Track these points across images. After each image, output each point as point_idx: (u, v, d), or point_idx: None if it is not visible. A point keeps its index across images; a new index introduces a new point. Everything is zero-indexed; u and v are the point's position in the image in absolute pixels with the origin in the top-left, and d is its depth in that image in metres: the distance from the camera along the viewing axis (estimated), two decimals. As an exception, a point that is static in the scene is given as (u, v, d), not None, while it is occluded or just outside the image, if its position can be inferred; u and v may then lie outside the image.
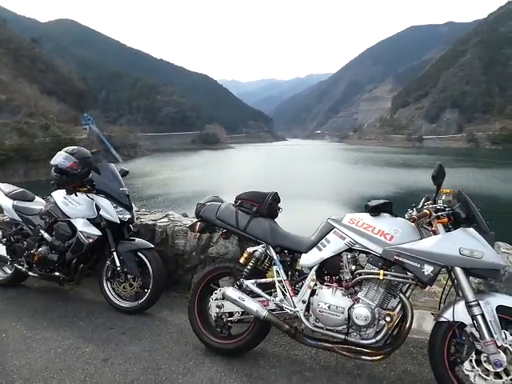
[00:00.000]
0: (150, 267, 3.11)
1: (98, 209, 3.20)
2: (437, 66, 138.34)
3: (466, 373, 1.96)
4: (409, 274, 2.04)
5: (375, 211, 2.19)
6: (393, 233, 2.11)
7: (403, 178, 40.52)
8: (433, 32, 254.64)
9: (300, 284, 2.34)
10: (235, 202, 2.61)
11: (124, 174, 3.54)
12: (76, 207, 3.21)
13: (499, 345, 1.88)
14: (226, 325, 2.54)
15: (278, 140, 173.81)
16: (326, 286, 2.23)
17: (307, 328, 2.26)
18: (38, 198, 3.76)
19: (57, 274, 3.29)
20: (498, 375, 1.90)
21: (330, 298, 2.19)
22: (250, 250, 2.51)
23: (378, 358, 2.14)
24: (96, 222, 3.18)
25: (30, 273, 3.42)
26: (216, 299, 2.53)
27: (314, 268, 2.28)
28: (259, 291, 2.40)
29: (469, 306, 1.94)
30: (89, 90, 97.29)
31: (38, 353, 2.57)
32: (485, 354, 1.91)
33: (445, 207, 2.05)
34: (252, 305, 2.35)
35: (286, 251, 2.42)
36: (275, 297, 2.36)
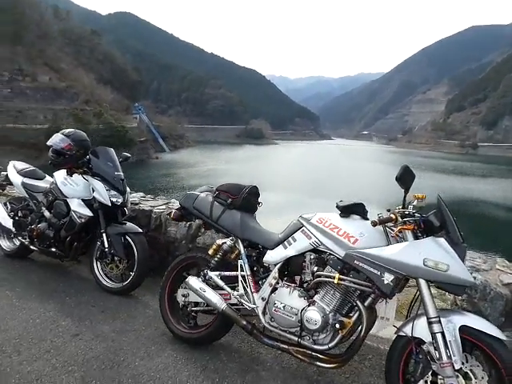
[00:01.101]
0: (135, 251, 3.19)
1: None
2: (498, 69, 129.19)
3: None
4: (369, 282, 1.93)
5: (345, 212, 2.09)
6: (357, 236, 1.99)
7: (451, 185, 38.46)
8: (495, 33, 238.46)
9: (263, 281, 2.28)
10: (214, 193, 2.59)
11: (125, 159, 3.64)
12: (73, 187, 3.35)
13: (457, 368, 1.73)
14: (191, 314, 2.55)
15: (324, 139, 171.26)
16: (286, 285, 2.16)
17: (265, 326, 2.21)
18: (47, 177, 3.96)
19: (53, 249, 3.47)
20: (453, 401, 1.75)
21: (287, 298, 2.12)
22: (219, 241, 2.49)
23: (333, 365, 2.05)
24: (90, 203, 3.31)
25: (31, 246, 3.62)
26: (182, 288, 2.53)
27: (278, 266, 2.22)
28: (222, 284, 2.37)
29: (429, 323, 1.79)
30: (141, 80, 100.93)
31: (18, 321, 2.72)
32: (440, 377, 1.76)
33: (414, 213, 1.91)
34: (212, 296, 2.34)
35: (254, 246, 2.38)
36: (237, 291, 2.33)
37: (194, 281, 2.42)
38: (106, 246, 3.23)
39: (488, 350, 1.74)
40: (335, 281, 1.95)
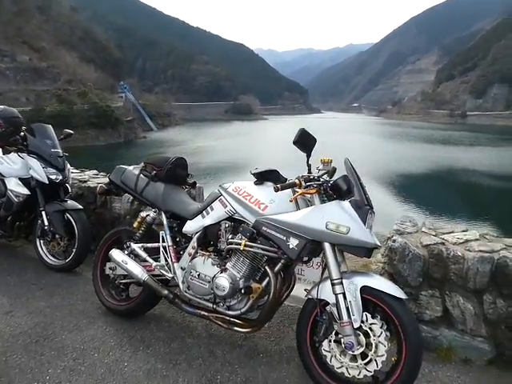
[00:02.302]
0: (75, 228, 3.17)
1: None
2: (488, 37, 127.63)
3: (324, 353, 1.87)
4: (277, 248, 1.94)
5: (259, 179, 2.08)
6: (268, 203, 1.99)
7: (439, 155, 38.67)
8: (485, 0, 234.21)
9: (184, 251, 2.29)
10: (142, 167, 2.56)
11: (67, 135, 3.57)
12: (11, 166, 3.29)
13: (356, 326, 1.77)
14: (120, 287, 2.56)
15: (313, 112, 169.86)
16: (201, 254, 2.17)
17: (184, 295, 2.23)
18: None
19: (-4, 229, 3.43)
20: (354, 358, 1.79)
21: (201, 266, 2.14)
22: (143, 214, 2.49)
23: (249, 330, 2.10)
24: (28, 181, 3.25)
25: (-22, 228, 3.57)
26: (110, 261, 2.53)
27: (196, 235, 2.22)
28: (144, 255, 2.38)
29: (332, 284, 1.82)
30: (125, 58, 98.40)
31: (-48, 301, 2.71)
32: (341, 335, 1.80)
33: (318, 177, 1.90)
34: (134, 268, 2.35)
35: (176, 217, 2.37)
36: (159, 262, 2.33)
37: (117, 253, 2.43)
38: (46, 223, 3.20)
39: (387, 309, 1.77)
40: (241, 247, 1.96)
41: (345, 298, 1.79)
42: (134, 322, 2.51)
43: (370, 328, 1.79)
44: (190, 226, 2.25)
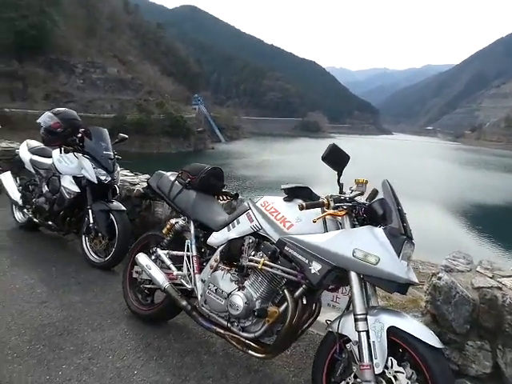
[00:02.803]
0: (116, 228, 3.27)
1: None
2: None
3: None
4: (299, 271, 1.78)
5: (290, 195, 1.95)
6: (294, 221, 1.86)
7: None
8: None
9: (207, 263, 2.22)
10: (178, 173, 2.57)
11: (121, 139, 3.75)
12: (67, 165, 3.50)
13: (377, 372, 1.54)
14: (144, 291, 2.55)
15: (383, 133, 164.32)
16: (222, 268, 2.07)
17: (201, 308, 2.15)
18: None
19: (50, 223, 3.66)
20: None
21: (219, 281, 2.05)
22: (172, 221, 2.48)
23: (264, 355, 1.95)
24: (80, 180, 3.44)
25: (34, 219, 3.86)
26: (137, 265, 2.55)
27: (220, 248, 2.14)
28: (169, 262, 2.35)
29: (355, 319, 1.61)
30: (202, 72, 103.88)
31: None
32: (359, 380, 1.59)
33: (350, 198, 1.73)
34: (156, 274, 2.32)
35: (204, 227, 2.32)
36: (182, 271, 2.29)
37: (142, 258, 2.43)
38: (91, 221, 3.35)
39: (416, 357, 1.53)
40: (259, 266, 1.83)
41: (368, 337, 1.58)
42: (154, 329, 2.48)
43: (394, 376, 1.56)
44: (215, 238, 2.18)
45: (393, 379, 1.55)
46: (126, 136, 3.79)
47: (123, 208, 3.38)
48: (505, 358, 1.87)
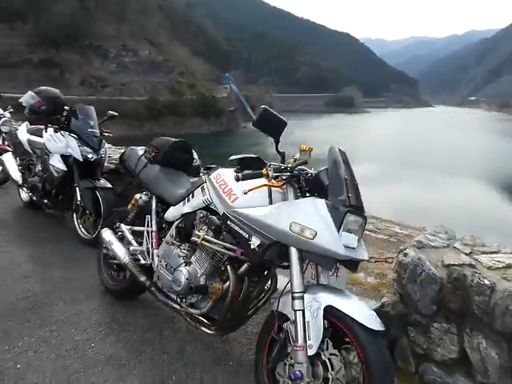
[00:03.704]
0: (101, 205, 3.28)
1: None
2: None
3: (278, 377, 1.57)
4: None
5: (241, 167, 1.83)
6: (239, 194, 1.74)
7: None
8: None
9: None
10: (146, 148, 2.50)
11: (111, 116, 3.72)
12: (56, 144, 3.52)
13: (311, 354, 1.42)
14: (114, 267, 2.55)
15: (422, 106, 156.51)
16: (172, 243, 2.00)
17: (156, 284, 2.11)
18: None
19: (45, 201, 3.75)
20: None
21: (169, 257, 1.99)
22: (137, 196, 2.43)
23: (215, 332, 1.88)
24: (68, 159, 3.47)
25: (33, 198, 3.96)
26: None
27: (175, 223, 2.07)
28: (130, 238, 2.33)
29: (292, 298, 1.50)
30: (232, 51, 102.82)
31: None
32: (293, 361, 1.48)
33: (291, 168, 1.58)
34: (118, 249, 2.30)
35: (165, 202, 2.25)
36: (142, 246, 2.25)
37: (106, 233, 2.41)
38: (79, 198, 3.38)
39: (353, 340, 1.40)
40: (198, 241, 1.74)
41: (303, 316, 1.46)
42: (124, 304, 2.48)
43: (329, 359, 1.44)
44: (171, 213, 2.11)
45: (327, 362, 1.43)
46: (116, 113, 3.75)
47: (109, 185, 3.40)
48: (471, 342, 1.69)
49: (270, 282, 1.91)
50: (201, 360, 2.00)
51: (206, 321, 1.87)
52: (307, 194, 1.62)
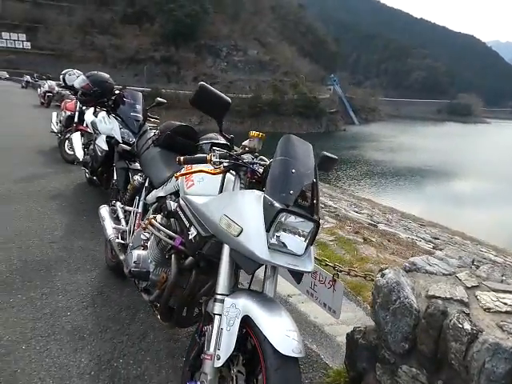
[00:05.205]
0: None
1: None
2: None
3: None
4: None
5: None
6: (196, 180, 1.62)
7: None
8: None
9: (148, 219, 2.13)
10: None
11: (159, 103, 3.86)
12: (105, 125, 3.77)
13: (217, 366, 1.24)
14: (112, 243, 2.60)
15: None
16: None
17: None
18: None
19: (94, 178, 4.07)
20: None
21: (136, 239, 1.95)
22: (136, 177, 2.44)
23: (166, 323, 1.78)
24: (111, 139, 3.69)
25: (86, 174, 4.33)
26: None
27: (153, 206, 2.03)
28: (121, 216, 2.35)
29: (214, 299, 1.33)
30: (340, 51, 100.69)
31: (31, 223, 3.36)
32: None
33: (236, 156, 1.41)
34: (107, 226, 2.35)
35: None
36: (128, 226, 2.26)
37: (103, 210, 2.47)
38: (115, 177, 3.57)
39: (261, 361, 1.18)
40: (143, 224, 1.66)
41: (219, 322, 1.29)
42: (118, 281, 2.52)
43: (236, 376, 1.24)
44: (151, 195, 2.08)
45: (234, 379, 1.24)
46: (164, 100, 3.87)
47: (139, 168, 3.52)
48: (443, 400, 1.31)
49: None
50: (156, 350, 1.92)
51: (155, 308, 1.79)
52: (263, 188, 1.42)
